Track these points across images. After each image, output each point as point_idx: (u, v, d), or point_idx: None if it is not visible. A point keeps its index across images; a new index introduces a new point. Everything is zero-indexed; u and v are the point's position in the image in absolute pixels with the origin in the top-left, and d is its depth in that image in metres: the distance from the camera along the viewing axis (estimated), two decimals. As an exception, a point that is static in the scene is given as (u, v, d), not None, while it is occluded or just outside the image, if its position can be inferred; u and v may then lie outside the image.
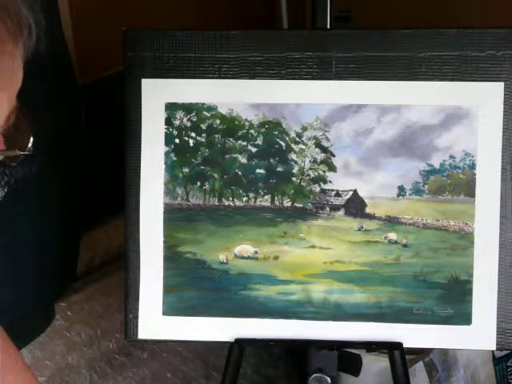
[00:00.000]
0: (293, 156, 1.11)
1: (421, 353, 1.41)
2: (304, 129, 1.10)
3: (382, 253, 1.11)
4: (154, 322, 1.12)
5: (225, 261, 1.12)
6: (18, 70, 0.61)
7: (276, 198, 1.12)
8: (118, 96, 1.12)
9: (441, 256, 1.10)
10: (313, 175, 1.11)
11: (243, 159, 1.12)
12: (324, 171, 1.11)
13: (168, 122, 1.10)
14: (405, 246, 1.10)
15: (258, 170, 1.12)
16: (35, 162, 1.09)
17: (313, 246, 1.11)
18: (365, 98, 1.08)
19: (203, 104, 1.10)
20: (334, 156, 1.10)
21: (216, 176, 1.12)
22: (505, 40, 1.06)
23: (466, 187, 1.09)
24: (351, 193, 1.10)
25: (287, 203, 1.12)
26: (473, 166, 1.08)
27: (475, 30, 1.07)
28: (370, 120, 1.09)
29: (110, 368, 1.39)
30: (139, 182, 1.10)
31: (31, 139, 0.70)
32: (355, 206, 1.11)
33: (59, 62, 1.16)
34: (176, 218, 1.11)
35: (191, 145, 1.12)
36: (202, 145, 1.12)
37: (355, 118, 1.09)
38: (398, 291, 1.10)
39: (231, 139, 1.12)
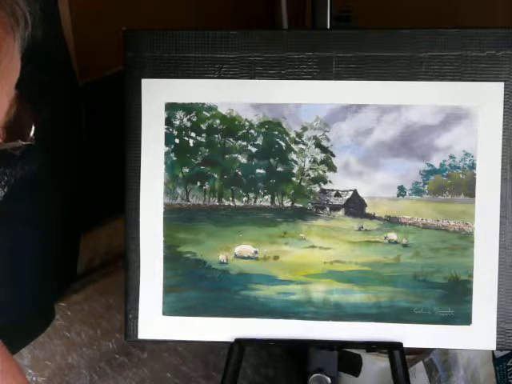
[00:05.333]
0: (293, 156, 1.11)
1: (421, 353, 1.41)
2: (304, 129, 1.10)
3: (382, 253, 1.11)
4: (154, 321, 1.12)
5: (225, 261, 1.12)
6: (16, 61, 0.62)
7: (276, 197, 1.12)
8: (118, 96, 1.12)
9: (441, 256, 1.10)
10: (313, 175, 1.11)
11: (243, 159, 1.12)
12: (324, 171, 1.11)
13: (168, 122, 1.10)
14: (405, 245, 1.10)
15: (258, 170, 1.12)
16: (35, 162, 1.09)
17: (313, 246, 1.11)
18: (365, 98, 1.08)
19: (203, 104, 1.10)
20: (334, 156, 1.10)
21: (216, 176, 1.12)
22: (505, 40, 1.06)
23: (466, 187, 1.09)
24: (351, 193, 1.10)
25: (287, 203, 1.12)
26: (473, 166, 1.08)
27: (475, 30, 1.07)
28: (370, 120, 1.09)
29: (109, 368, 1.39)
30: (139, 182, 1.10)
31: (33, 128, 0.70)
32: (355, 206, 1.11)
33: (59, 61, 1.16)
34: (176, 218, 1.11)
35: (191, 145, 1.12)
36: (201, 145, 1.12)
37: (355, 118, 1.09)
38: (398, 291, 1.10)
39: (231, 139, 1.12)
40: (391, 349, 1.10)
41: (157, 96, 1.10)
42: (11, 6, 0.59)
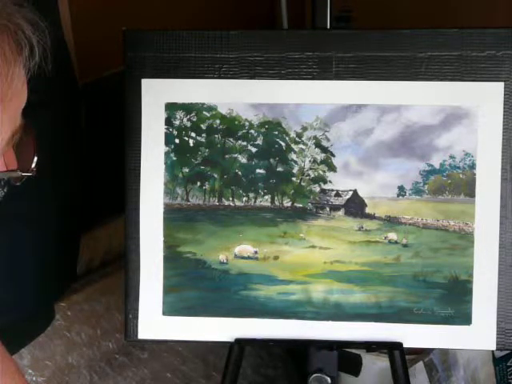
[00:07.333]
0: (293, 156, 1.11)
1: (421, 353, 1.41)
2: (304, 129, 1.10)
3: (382, 253, 1.11)
4: (154, 322, 1.12)
5: (225, 261, 1.12)
6: (21, 89, 0.60)
7: (276, 197, 1.12)
8: (118, 96, 1.12)
9: (441, 256, 1.10)
10: (313, 175, 1.11)
11: (243, 159, 1.12)
12: (324, 171, 1.11)
13: (168, 122, 1.10)
14: (405, 245, 1.10)
15: (258, 170, 1.12)
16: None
17: (313, 246, 1.11)
18: (365, 97, 1.08)
19: (203, 104, 1.10)
20: (334, 156, 1.10)
21: (216, 176, 1.12)
22: (505, 40, 1.06)
23: (466, 187, 1.09)
24: (351, 193, 1.10)
25: (287, 203, 1.12)
26: (473, 166, 1.08)
27: (475, 30, 1.07)
28: (370, 120, 1.09)
29: (109, 368, 1.39)
30: (139, 183, 1.10)
31: (35, 159, 0.69)
32: (355, 206, 1.11)
33: (59, 62, 1.16)
34: (176, 218, 1.11)
35: (191, 145, 1.12)
36: (201, 145, 1.12)
37: (355, 118, 1.09)
38: (398, 291, 1.10)
39: (231, 139, 1.12)
40: (391, 349, 1.10)
41: (157, 96, 1.10)
42: (15, 33, 0.58)
